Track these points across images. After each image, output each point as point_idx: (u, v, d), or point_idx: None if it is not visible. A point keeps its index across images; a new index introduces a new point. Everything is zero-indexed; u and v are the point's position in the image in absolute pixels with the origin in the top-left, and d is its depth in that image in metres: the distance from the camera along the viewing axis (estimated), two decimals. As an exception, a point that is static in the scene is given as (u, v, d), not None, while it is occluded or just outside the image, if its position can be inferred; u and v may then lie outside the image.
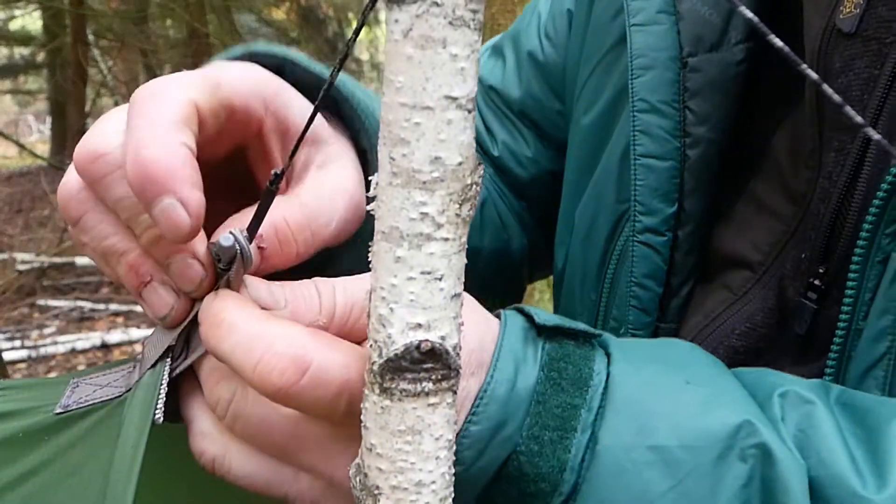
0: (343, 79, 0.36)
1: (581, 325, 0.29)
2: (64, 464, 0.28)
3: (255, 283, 0.28)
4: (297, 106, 0.32)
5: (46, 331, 3.88)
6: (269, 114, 0.31)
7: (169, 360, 0.29)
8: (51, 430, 0.29)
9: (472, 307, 0.29)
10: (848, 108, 0.19)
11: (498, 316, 0.29)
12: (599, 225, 0.46)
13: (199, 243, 0.28)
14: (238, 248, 0.27)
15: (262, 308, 0.27)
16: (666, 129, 0.42)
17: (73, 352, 3.63)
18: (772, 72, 0.43)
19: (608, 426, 0.27)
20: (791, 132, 0.42)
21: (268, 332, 0.25)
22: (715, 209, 0.44)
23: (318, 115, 0.31)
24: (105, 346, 3.68)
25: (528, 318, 0.29)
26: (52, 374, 3.40)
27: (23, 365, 3.51)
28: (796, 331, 0.39)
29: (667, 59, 0.42)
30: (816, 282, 0.38)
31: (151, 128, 0.26)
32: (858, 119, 0.19)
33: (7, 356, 3.48)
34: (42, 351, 3.57)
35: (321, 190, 0.32)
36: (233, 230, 0.28)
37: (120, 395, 0.29)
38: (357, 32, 0.22)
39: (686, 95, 0.42)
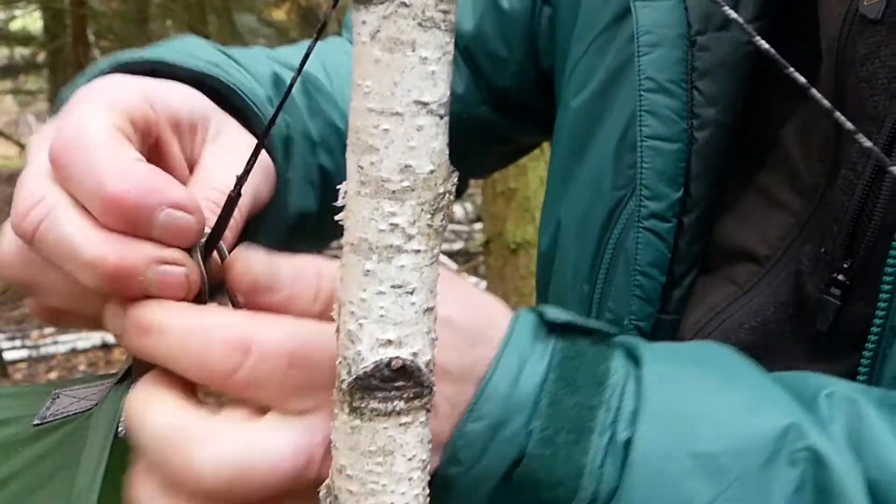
0: (225, 61, 0.36)
1: (596, 323, 0.28)
2: (33, 476, 0.28)
3: (255, 257, 0.25)
4: (177, 94, 0.31)
5: (47, 330, 3.88)
6: (159, 114, 0.30)
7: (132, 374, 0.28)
8: (27, 441, 0.29)
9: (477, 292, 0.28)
10: (837, 114, 0.18)
11: None
12: (594, 214, 0.44)
13: (165, 249, 0.26)
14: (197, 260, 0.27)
15: (261, 288, 0.25)
16: (674, 110, 0.40)
17: (74, 351, 3.63)
18: (781, 54, 0.41)
19: (643, 432, 0.25)
20: (802, 123, 0.40)
21: (201, 324, 0.24)
22: (719, 198, 0.42)
23: (198, 93, 0.32)
24: (105, 346, 3.68)
25: (539, 315, 0.27)
26: (53, 374, 3.41)
27: (23, 365, 3.51)
28: (818, 327, 0.37)
29: (675, 37, 0.40)
30: (840, 277, 0.36)
31: (101, 160, 0.25)
32: (849, 125, 0.18)
33: (7, 356, 3.48)
34: (42, 350, 3.57)
35: (224, 160, 0.31)
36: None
37: (91, 409, 0.29)
38: (319, 32, 0.21)
39: (694, 75, 0.40)
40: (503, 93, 0.54)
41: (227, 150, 0.32)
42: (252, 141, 0.33)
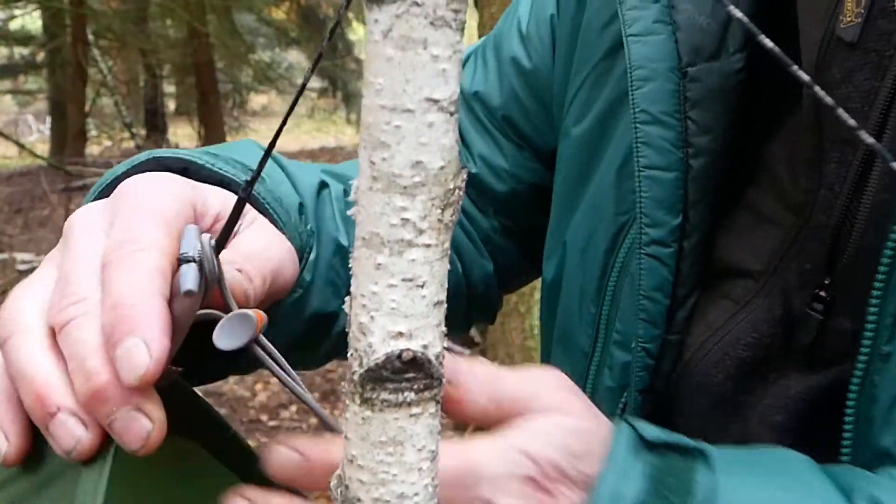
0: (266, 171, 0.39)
1: (684, 440, 0.30)
2: (39, 475, 0.28)
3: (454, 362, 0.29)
4: (214, 199, 0.35)
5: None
6: (199, 216, 0.33)
7: None
8: None
9: (584, 402, 0.31)
10: (841, 111, 0.18)
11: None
12: (598, 238, 0.46)
13: (149, 398, 0.27)
14: (202, 258, 0.27)
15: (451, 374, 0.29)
16: (669, 140, 0.41)
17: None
18: (767, 79, 0.42)
19: None
20: (788, 141, 0.42)
21: None
22: (716, 219, 0.43)
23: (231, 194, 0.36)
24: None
25: (634, 429, 0.30)
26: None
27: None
28: (802, 341, 0.39)
29: (666, 70, 0.41)
30: (822, 293, 0.37)
31: (130, 275, 0.28)
32: (851, 122, 0.19)
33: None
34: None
35: (257, 240, 0.35)
36: (201, 237, 0.28)
37: None
38: (332, 32, 0.21)
39: (687, 106, 0.41)
40: (552, 151, 0.54)
41: (259, 230, 0.36)
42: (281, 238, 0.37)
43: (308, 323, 0.42)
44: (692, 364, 0.42)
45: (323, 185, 0.46)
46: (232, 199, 0.34)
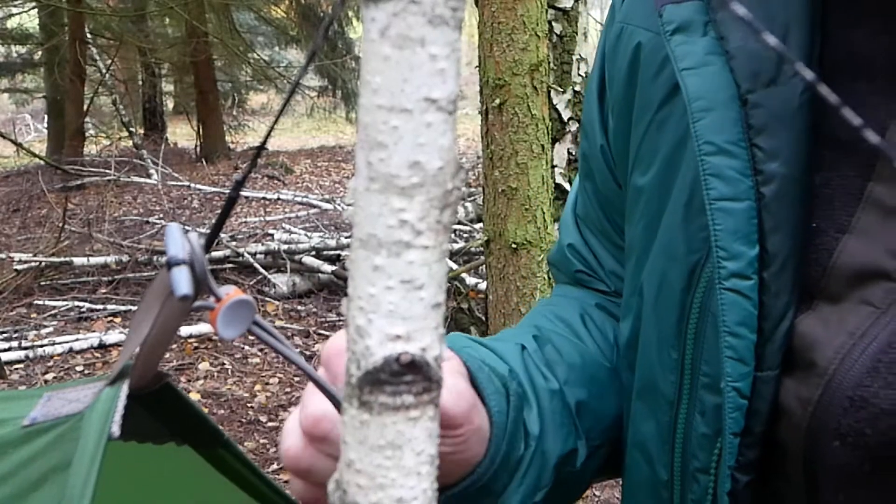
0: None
1: None
2: (25, 478, 0.27)
3: None
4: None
5: (44, 331, 3.87)
6: None
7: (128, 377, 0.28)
8: (16, 443, 0.28)
9: None
10: (846, 110, 0.18)
11: None
12: (672, 279, 0.45)
13: None
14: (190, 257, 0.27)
15: None
16: (736, 170, 0.40)
17: (71, 352, 3.62)
18: (878, 67, 0.40)
19: None
20: None
21: None
22: (807, 242, 0.41)
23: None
24: (103, 347, 3.67)
25: None
26: (50, 376, 3.40)
27: (20, 366, 3.51)
28: None
29: (726, 99, 0.41)
30: None
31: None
32: (857, 120, 0.18)
33: (4, 357, 3.47)
34: (39, 351, 3.56)
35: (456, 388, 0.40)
36: (189, 237, 0.27)
37: (82, 411, 0.28)
38: (326, 30, 0.21)
39: (752, 133, 0.40)
40: None
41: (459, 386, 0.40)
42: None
43: (557, 468, 0.46)
44: (836, 382, 0.39)
45: (522, 347, 0.50)
46: None
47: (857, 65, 0.40)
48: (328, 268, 4.31)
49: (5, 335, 3.79)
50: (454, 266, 3.33)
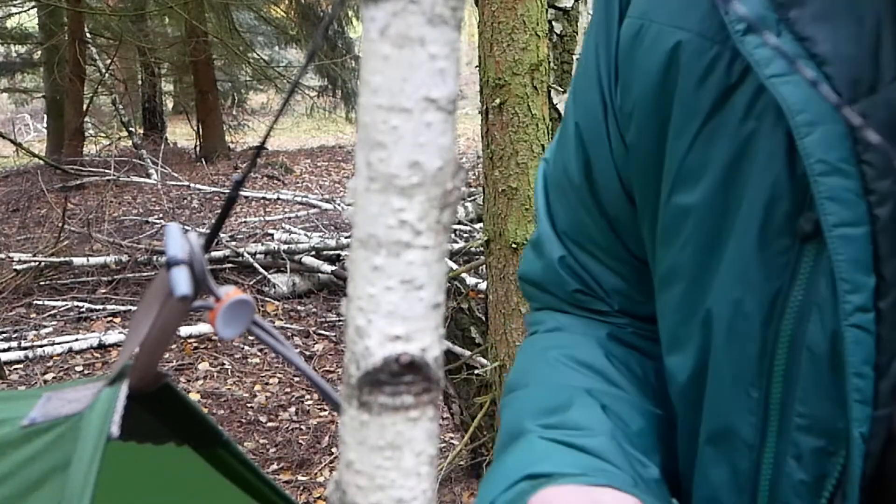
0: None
1: None
2: (25, 478, 0.27)
3: None
4: (609, 500, 0.40)
5: (43, 331, 3.87)
6: None
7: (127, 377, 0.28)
8: (15, 443, 0.28)
9: None
10: (847, 109, 0.18)
11: None
12: (748, 310, 0.41)
13: None
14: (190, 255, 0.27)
15: None
16: (852, 191, 0.37)
17: (71, 352, 3.62)
18: None
19: None
20: None
21: None
22: None
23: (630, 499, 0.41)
24: (102, 347, 3.67)
25: None
26: (49, 376, 3.40)
27: (20, 366, 3.50)
28: None
29: (830, 111, 0.36)
30: None
31: None
32: (857, 120, 0.18)
33: (4, 357, 3.47)
34: (39, 352, 3.56)
35: None
36: (189, 237, 0.27)
37: (82, 411, 0.28)
38: (326, 29, 0.21)
39: (860, 148, 0.36)
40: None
41: None
42: None
43: None
44: None
45: (616, 442, 0.46)
46: (620, 496, 0.40)
47: None
48: (328, 268, 4.31)
49: (5, 335, 3.79)
50: (454, 266, 3.32)
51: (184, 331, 3.61)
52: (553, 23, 2.50)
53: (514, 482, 0.43)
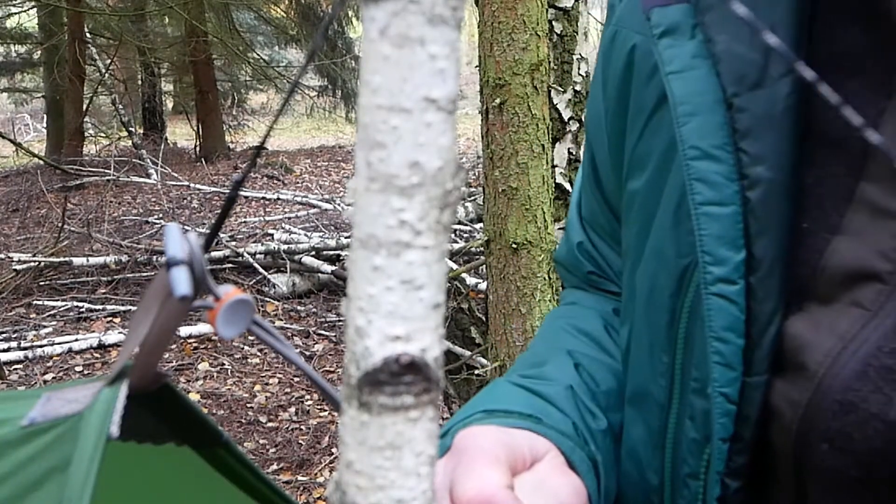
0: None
1: None
2: (24, 478, 0.27)
3: None
4: (521, 438, 0.43)
5: (43, 331, 3.87)
6: (513, 457, 0.41)
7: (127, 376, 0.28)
8: (14, 444, 0.28)
9: None
10: (847, 109, 0.18)
11: None
12: (661, 283, 0.45)
13: None
14: (189, 254, 0.27)
15: None
16: (722, 174, 0.40)
17: (70, 352, 3.62)
18: (865, 65, 0.40)
19: None
20: None
21: None
22: (798, 242, 0.41)
23: (535, 435, 0.44)
24: (102, 347, 3.67)
25: None
26: (49, 376, 3.40)
27: (19, 366, 3.50)
28: None
29: (711, 103, 0.40)
30: None
31: (475, 473, 0.37)
32: (858, 119, 0.18)
33: (3, 357, 3.47)
34: (39, 352, 3.56)
35: (564, 487, 0.42)
36: (188, 237, 0.27)
37: (82, 411, 0.28)
38: (326, 29, 0.21)
39: (737, 137, 0.40)
40: None
41: (562, 475, 0.42)
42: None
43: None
44: (826, 384, 0.39)
45: (572, 390, 0.50)
46: (536, 439, 0.43)
47: (841, 64, 0.40)
48: (328, 268, 4.31)
49: (4, 335, 3.79)
50: (454, 266, 3.32)
51: (184, 331, 3.61)
52: (553, 23, 2.50)
53: (471, 414, 0.47)
